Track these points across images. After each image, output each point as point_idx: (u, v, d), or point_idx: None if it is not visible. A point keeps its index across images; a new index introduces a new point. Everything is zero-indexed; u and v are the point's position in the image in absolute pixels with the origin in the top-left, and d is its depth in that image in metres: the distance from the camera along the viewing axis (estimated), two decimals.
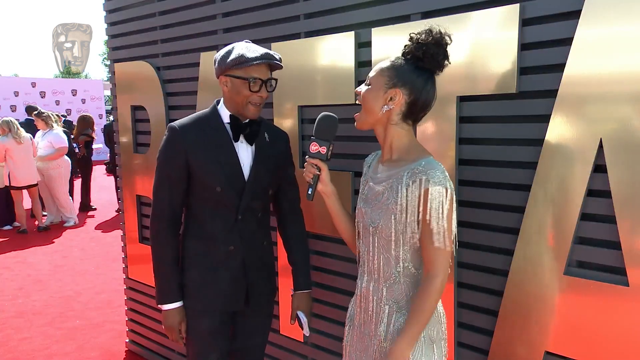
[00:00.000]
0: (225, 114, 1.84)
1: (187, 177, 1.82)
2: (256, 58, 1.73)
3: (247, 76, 1.74)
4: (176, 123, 1.83)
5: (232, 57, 1.74)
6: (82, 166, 8.30)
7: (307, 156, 1.56)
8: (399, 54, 1.46)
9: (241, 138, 1.84)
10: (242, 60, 1.72)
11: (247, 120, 1.84)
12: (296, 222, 2.04)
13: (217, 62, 1.81)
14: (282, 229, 2.04)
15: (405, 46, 1.43)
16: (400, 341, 1.37)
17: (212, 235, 1.85)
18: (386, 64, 1.44)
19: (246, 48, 1.77)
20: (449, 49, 1.40)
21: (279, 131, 2.00)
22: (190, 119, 1.85)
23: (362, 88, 1.48)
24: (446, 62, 1.42)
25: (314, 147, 1.54)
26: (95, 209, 8.50)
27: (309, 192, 1.56)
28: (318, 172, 1.54)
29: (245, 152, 1.85)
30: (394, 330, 1.45)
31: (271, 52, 1.78)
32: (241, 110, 1.80)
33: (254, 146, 1.87)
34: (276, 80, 1.82)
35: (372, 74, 1.46)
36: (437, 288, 1.36)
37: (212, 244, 1.85)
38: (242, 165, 1.83)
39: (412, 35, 1.41)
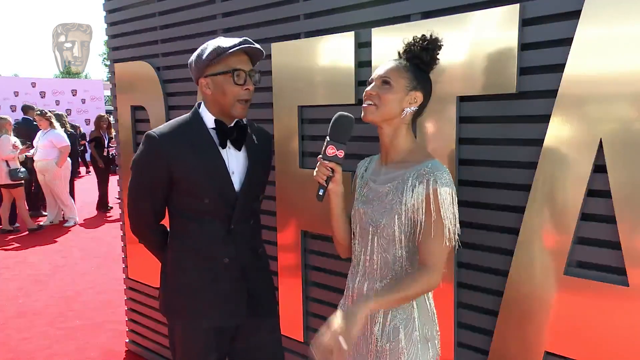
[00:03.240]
0: (209, 119, 1.72)
1: (168, 188, 1.71)
2: (233, 45, 1.62)
3: (228, 68, 1.63)
4: (155, 131, 1.68)
5: (207, 52, 1.64)
6: (101, 166, 8.23)
7: (321, 158, 1.50)
8: (401, 57, 1.48)
9: (228, 144, 1.72)
10: (219, 51, 1.61)
11: (233, 124, 1.73)
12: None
13: (193, 64, 1.69)
14: None
15: (408, 51, 1.46)
16: (364, 304, 1.32)
17: (204, 248, 1.73)
18: (401, 65, 1.44)
19: (221, 40, 1.66)
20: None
21: (264, 132, 1.92)
22: (170, 126, 1.71)
23: (380, 88, 1.43)
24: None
25: (330, 151, 1.49)
26: (111, 208, 8.46)
27: (320, 193, 1.52)
28: (332, 175, 1.50)
29: (234, 159, 1.74)
30: (390, 330, 1.47)
31: (248, 38, 1.68)
32: (229, 110, 1.69)
33: (243, 151, 1.76)
34: (259, 72, 1.72)
35: (388, 73, 1.43)
36: (432, 282, 1.37)
37: (204, 257, 1.74)
38: (231, 173, 1.72)
39: (411, 41, 1.45)
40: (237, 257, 1.76)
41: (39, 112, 7.26)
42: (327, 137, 1.50)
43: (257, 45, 1.69)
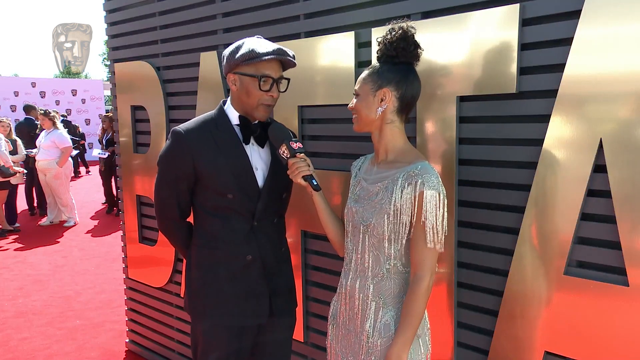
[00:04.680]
0: (233, 115, 1.74)
1: (194, 182, 1.74)
2: (267, 53, 1.62)
3: (258, 73, 1.64)
4: (181, 127, 1.72)
5: (241, 52, 1.64)
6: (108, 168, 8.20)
7: (290, 158, 1.61)
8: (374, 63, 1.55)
9: (252, 140, 1.74)
10: (252, 56, 1.62)
11: (257, 121, 1.75)
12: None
13: (225, 59, 1.71)
14: None
15: (377, 51, 1.53)
16: (395, 344, 1.42)
17: (226, 245, 1.74)
18: (365, 73, 1.53)
19: (257, 43, 1.67)
20: (417, 38, 1.51)
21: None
22: (196, 122, 1.75)
23: (352, 102, 1.55)
24: (419, 50, 1.51)
25: (294, 146, 1.62)
26: (113, 210, 8.40)
27: (316, 183, 1.62)
28: (309, 164, 1.63)
29: (257, 156, 1.76)
30: (381, 326, 1.50)
31: (284, 47, 1.68)
32: (251, 111, 1.71)
33: (267, 148, 1.78)
34: (288, 80, 1.75)
35: (356, 86, 1.54)
36: (425, 289, 1.42)
37: (227, 254, 1.74)
38: (254, 169, 1.73)
39: (378, 40, 1.52)
40: (260, 255, 1.77)
41: (42, 112, 7.23)
42: (282, 142, 1.63)
43: (291, 55, 1.70)
